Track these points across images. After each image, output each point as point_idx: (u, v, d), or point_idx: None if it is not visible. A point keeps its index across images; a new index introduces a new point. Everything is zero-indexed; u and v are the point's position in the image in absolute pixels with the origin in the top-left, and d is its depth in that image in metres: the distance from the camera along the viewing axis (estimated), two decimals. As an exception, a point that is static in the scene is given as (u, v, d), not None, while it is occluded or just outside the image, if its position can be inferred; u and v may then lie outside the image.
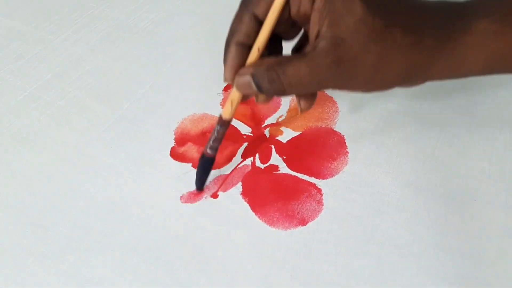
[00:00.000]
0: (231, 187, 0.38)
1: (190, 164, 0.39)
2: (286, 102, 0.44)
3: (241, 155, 0.40)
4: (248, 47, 0.31)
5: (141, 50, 0.49)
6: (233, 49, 0.31)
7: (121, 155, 0.40)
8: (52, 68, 0.47)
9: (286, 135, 0.42)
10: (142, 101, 0.44)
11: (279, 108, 0.44)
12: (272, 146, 0.41)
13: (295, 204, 0.37)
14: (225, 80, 0.32)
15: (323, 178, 0.38)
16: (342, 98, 0.44)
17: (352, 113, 0.43)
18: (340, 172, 0.39)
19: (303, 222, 0.36)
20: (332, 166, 0.39)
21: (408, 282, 0.33)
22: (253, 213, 0.36)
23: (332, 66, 0.27)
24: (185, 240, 0.35)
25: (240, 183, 0.38)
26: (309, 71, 0.28)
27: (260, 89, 0.30)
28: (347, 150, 0.40)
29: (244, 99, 0.33)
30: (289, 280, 0.33)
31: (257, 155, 0.40)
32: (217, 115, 0.43)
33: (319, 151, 0.40)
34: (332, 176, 0.39)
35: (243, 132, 0.42)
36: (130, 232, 0.35)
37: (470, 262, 0.34)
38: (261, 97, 0.33)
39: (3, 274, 0.33)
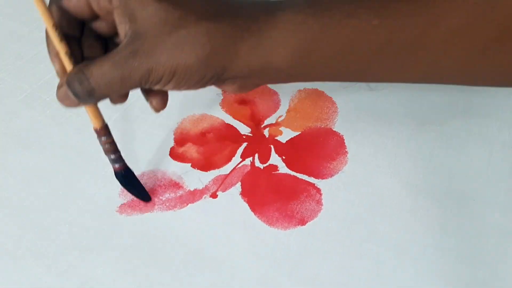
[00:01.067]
0: (231, 187, 0.38)
1: (190, 164, 0.39)
2: (286, 102, 0.44)
3: (241, 155, 0.40)
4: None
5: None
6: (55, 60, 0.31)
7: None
8: (51, 69, 0.46)
9: (286, 135, 0.42)
10: (141, 101, 0.44)
11: (278, 108, 0.44)
12: (272, 146, 0.41)
13: (294, 204, 0.37)
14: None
15: (322, 178, 0.39)
16: (342, 99, 0.44)
17: (351, 114, 0.43)
18: (339, 172, 0.39)
19: (302, 222, 0.36)
20: (331, 166, 0.39)
21: (407, 281, 0.33)
22: (252, 213, 0.36)
23: (130, 58, 0.28)
24: (185, 240, 0.35)
25: (239, 183, 0.38)
26: (111, 66, 0.28)
27: (75, 94, 0.29)
28: (346, 150, 0.40)
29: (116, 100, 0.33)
30: (287, 279, 0.33)
31: (256, 155, 0.40)
32: (217, 115, 0.43)
33: (318, 151, 0.40)
34: (331, 176, 0.39)
35: (242, 132, 0.42)
36: (129, 231, 0.35)
37: (468, 262, 0.34)
38: (154, 102, 0.33)
39: (2, 274, 0.33)
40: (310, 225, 0.36)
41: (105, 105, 0.44)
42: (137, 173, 0.38)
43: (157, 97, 0.33)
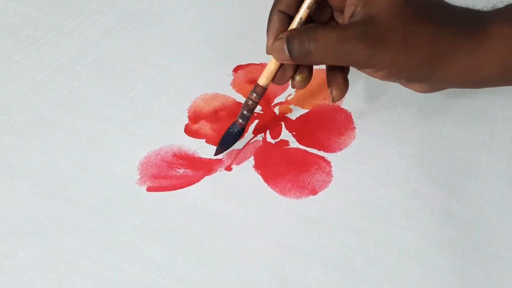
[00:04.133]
0: (244, 161, 0.39)
1: (204, 140, 0.41)
2: (294, 82, 0.46)
3: (253, 131, 0.42)
4: (289, 17, 0.33)
5: (153, 34, 0.51)
6: (275, 17, 0.33)
7: (137, 132, 0.41)
8: (66, 52, 0.49)
9: (295, 112, 0.43)
10: (155, 82, 0.46)
11: (287, 87, 0.45)
12: (282, 123, 0.42)
13: (305, 175, 0.38)
14: (267, 50, 0.34)
15: (332, 152, 0.40)
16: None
17: (358, 93, 0.45)
18: (348, 146, 0.41)
19: (314, 191, 0.37)
20: (340, 141, 0.41)
21: (415, 243, 0.35)
22: (265, 184, 0.38)
23: (361, 37, 0.29)
24: (202, 208, 0.36)
25: (252, 157, 0.40)
26: (338, 38, 0.30)
27: (290, 52, 0.31)
28: (354, 125, 0.42)
29: (280, 81, 0.35)
30: (302, 244, 0.34)
31: (267, 131, 0.42)
32: (228, 94, 0.45)
33: (327, 126, 0.42)
34: (340, 150, 0.40)
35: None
36: (149, 201, 0.37)
37: (472, 226, 0.36)
38: (298, 77, 0.35)
39: (29, 242, 0.35)
40: (321, 194, 0.37)
41: (118, 86, 0.46)
42: (154, 147, 0.40)
43: (339, 88, 0.35)
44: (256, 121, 0.42)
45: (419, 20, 0.30)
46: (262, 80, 0.36)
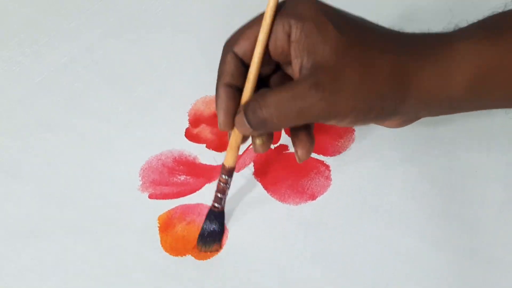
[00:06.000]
0: (244, 167, 0.40)
1: (205, 145, 0.41)
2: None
3: (252, 136, 0.42)
4: (236, 88, 0.31)
5: (153, 36, 0.50)
6: (221, 94, 0.31)
7: (137, 134, 0.42)
8: (66, 53, 0.48)
9: (295, 115, 0.43)
10: (156, 84, 0.46)
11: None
12: (282, 126, 0.43)
13: (304, 180, 0.39)
14: (220, 126, 0.32)
15: (331, 155, 0.41)
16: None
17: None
18: (347, 149, 0.41)
19: (313, 197, 0.38)
20: (339, 144, 0.41)
21: (414, 246, 0.35)
22: (265, 191, 0.38)
23: (313, 89, 0.27)
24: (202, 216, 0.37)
25: (252, 164, 0.40)
26: (290, 97, 0.28)
27: (249, 123, 0.29)
28: (353, 128, 0.42)
29: (243, 141, 0.33)
30: (302, 248, 0.35)
31: (267, 135, 0.42)
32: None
33: (326, 130, 0.42)
34: (339, 153, 0.41)
35: (253, 113, 0.43)
36: (150, 208, 0.37)
37: (471, 227, 0.36)
38: (258, 141, 0.32)
39: (31, 245, 0.35)
40: (320, 199, 0.38)
41: (118, 88, 0.45)
42: (155, 152, 0.40)
43: (303, 146, 0.32)
44: (256, 124, 0.43)
45: (370, 52, 0.28)
46: (229, 161, 0.34)
